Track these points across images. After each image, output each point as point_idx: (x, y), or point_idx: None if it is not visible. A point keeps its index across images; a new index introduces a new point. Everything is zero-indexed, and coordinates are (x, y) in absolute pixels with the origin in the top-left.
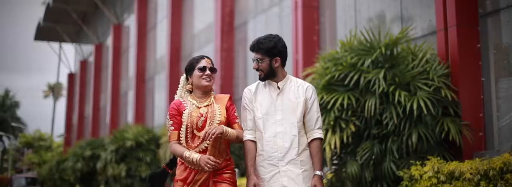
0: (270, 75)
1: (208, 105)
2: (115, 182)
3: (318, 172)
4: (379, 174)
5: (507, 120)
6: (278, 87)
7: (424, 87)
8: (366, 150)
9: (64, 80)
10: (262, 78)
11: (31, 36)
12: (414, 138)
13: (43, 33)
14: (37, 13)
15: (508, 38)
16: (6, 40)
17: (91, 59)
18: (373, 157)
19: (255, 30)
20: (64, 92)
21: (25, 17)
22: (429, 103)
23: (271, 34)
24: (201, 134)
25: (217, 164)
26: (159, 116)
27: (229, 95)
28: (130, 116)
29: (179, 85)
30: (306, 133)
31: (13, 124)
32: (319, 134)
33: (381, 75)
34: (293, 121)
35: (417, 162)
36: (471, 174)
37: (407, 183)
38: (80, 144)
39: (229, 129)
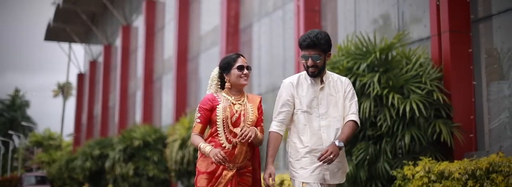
0: (322, 70)
1: (241, 104)
2: (123, 180)
3: (336, 141)
4: (374, 174)
5: (497, 122)
6: (322, 81)
7: (417, 90)
8: (361, 150)
9: (73, 80)
10: (315, 75)
11: (41, 37)
12: (407, 139)
13: (53, 34)
14: (47, 14)
15: (499, 43)
16: (16, 40)
17: (100, 59)
18: (368, 157)
19: (260, 32)
20: (74, 92)
21: (35, 18)
22: (421, 106)
23: (314, 30)
24: (236, 130)
25: (225, 160)
26: (166, 115)
27: (260, 96)
28: (138, 115)
29: (212, 82)
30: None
31: (23, 123)
32: (353, 117)
33: (375, 78)
34: (336, 115)
35: (410, 162)
36: (459, 173)
37: (400, 182)
38: (89, 143)
39: (259, 134)
